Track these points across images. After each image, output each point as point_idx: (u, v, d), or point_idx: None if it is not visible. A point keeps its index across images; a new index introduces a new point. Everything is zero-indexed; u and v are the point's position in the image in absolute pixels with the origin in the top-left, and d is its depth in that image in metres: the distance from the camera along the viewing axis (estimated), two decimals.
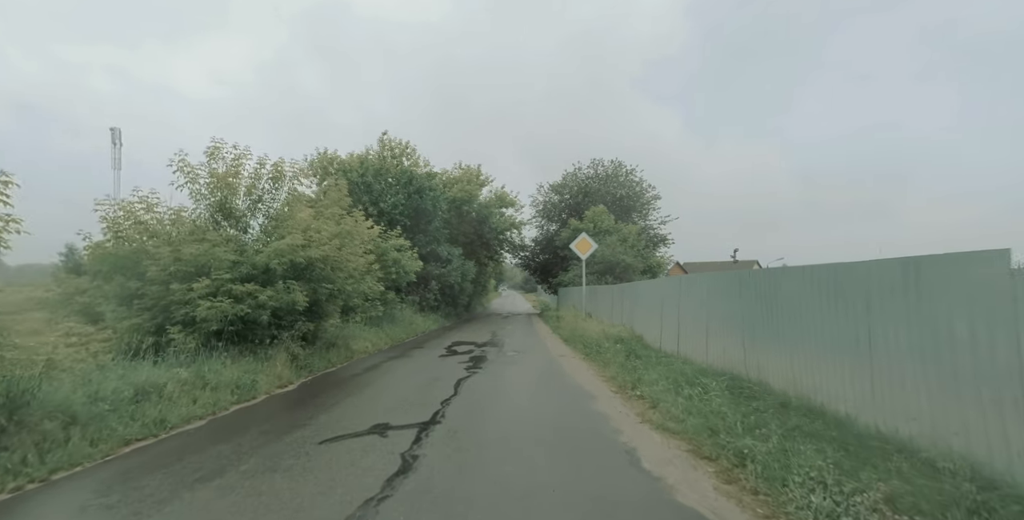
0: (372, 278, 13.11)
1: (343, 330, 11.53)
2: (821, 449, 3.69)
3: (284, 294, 8.37)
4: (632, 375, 7.58)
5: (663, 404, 5.81)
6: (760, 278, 6.19)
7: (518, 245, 31.06)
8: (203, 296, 7.52)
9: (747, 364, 6.24)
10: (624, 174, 29.14)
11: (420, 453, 4.41)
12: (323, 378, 8.53)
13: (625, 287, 13.35)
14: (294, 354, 8.73)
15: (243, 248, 8.66)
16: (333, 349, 10.39)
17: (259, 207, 9.32)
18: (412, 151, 25.50)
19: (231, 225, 9.09)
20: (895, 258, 4.03)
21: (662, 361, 8.14)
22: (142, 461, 4.32)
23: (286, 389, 7.55)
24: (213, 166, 8.89)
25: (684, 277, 8.55)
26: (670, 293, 9.22)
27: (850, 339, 4.36)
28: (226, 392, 6.43)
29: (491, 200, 28.15)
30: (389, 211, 20.33)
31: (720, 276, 7.44)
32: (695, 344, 7.90)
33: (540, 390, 7.56)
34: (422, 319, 19.15)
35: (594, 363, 9.86)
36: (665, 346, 9.42)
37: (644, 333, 10.87)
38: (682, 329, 8.52)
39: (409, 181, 21.73)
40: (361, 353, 11.51)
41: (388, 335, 14.16)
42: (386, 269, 15.51)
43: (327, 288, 9.37)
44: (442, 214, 23.45)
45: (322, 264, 9.17)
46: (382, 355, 11.54)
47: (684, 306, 8.50)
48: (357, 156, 22.46)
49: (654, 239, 28.16)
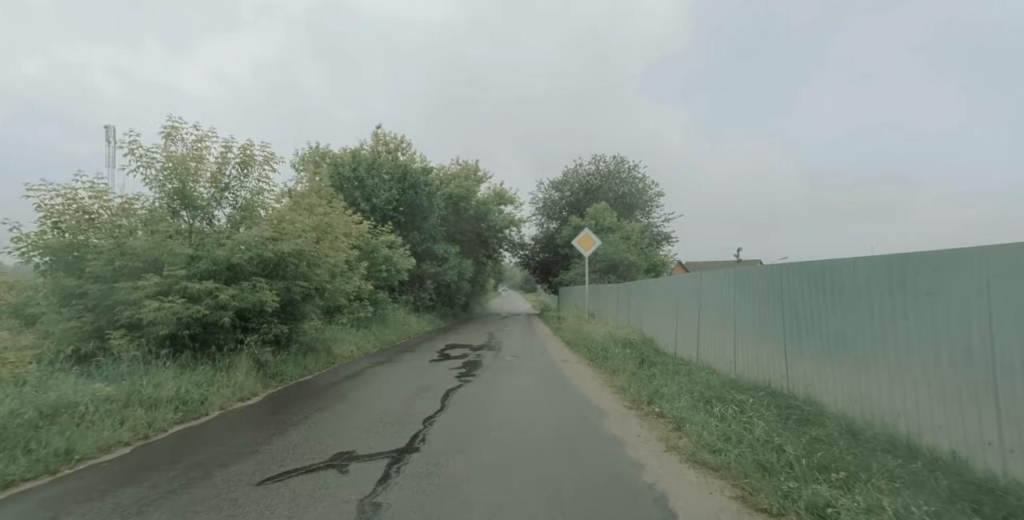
0: (358, 276, 12.04)
1: (324, 333, 10.44)
2: (939, 514, 2.59)
3: (250, 293, 7.29)
4: (647, 386, 6.51)
5: (690, 426, 4.73)
6: (812, 273, 5.02)
7: (517, 243, 29.95)
8: (151, 296, 6.44)
9: (790, 377, 5.16)
10: (626, 171, 28.05)
11: (385, 500, 3.33)
12: (294, 388, 7.45)
13: (633, 286, 12.27)
14: (262, 361, 7.64)
15: (204, 241, 7.59)
16: (311, 354, 9.30)
17: (225, 196, 8.23)
18: (408, 145, 24.44)
19: (193, 216, 8.00)
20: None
21: (680, 370, 7.06)
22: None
23: (247, 403, 6.46)
24: (171, 149, 7.80)
25: (706, 273, 7.46)
26: (688, 292, 8.14)
27: (959, 351, 3.27)
28: (167, 410, 5.33)
29: (489, 197, 27.05)
30: (382, 207, 19.24)
31: (753, 271, 6.31)
32: (720, 351, 6.82)
33: (541, 404, 6.48)
34: (416, 320, 18.06)
35: (601, 370, 8.78)
36: (682, 352, 8.33)
37: (656, 336, 9.79)
38: (703, 333, 7.44)
39: (403, 176, 20.65)
40: (344, 358, 10.42)
41: (377, 338, 13.07)
42: (376, 267, 14.44)
43: (302, 286, 8.29)
44: (439, 211, 22.36)
45: (295, 259, 8.09)
46: (367, 360, 10.45)
47: (706, 307, 7.42)
48: (350, 150, 21.36)
49: (657, 237, 27.08)
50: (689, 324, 8.00)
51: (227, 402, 6.22)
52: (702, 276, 7.65)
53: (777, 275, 5.46)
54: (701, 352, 7.41)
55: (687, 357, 7.91)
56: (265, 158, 8.34)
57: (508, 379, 8.18)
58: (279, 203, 9.45)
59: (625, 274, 20.72)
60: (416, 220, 21.28)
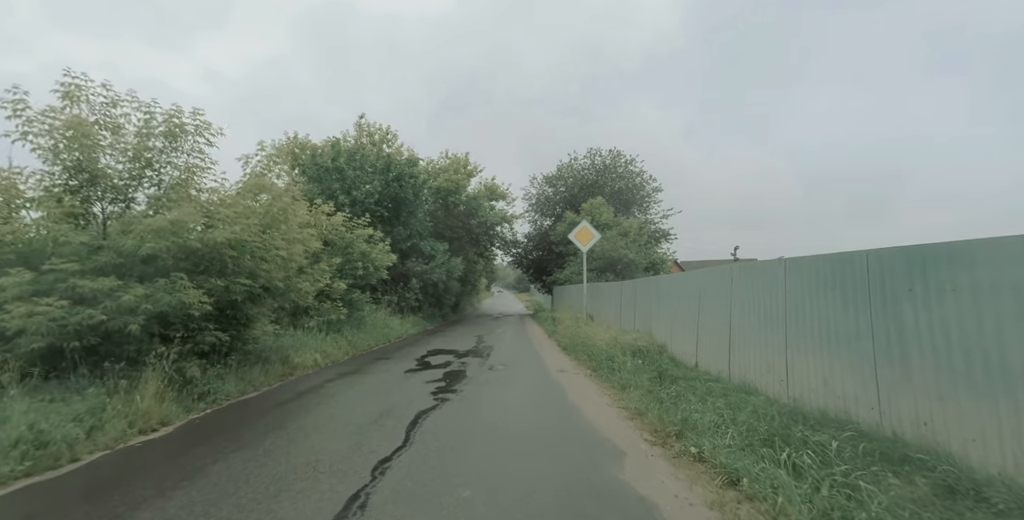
0: (327, 274, 10.42)
1: (282, 339, 8.81)
2: None
3: (167, 293, 5.67)
4: (672, 411, 4.97)
5: (753, 483, 3.20)
6: (944, 258, 3.40)
7: (510, 241, 28.34)
8: (18, 297, 4.81)
9: (887, 410, 3.63)
10: (623, 165, 26.57)
11: None
12: (224, 413, 5.83)
13: (639, 284, 10.74)
14: (188, 377, 6.02)
15: (108, 228, 5.96)
16: (262, 366, 7.68)
17: (146, 174, 6.59)
18: (394, 137, 22.72)
19: (104, 197, 6.36)
20: None
21: (712, 389, 5.53)
22: None
23: (148, 437, 4.83)
24: (73, 112, 6.15)
25: (745, 266, 5.93)
26: (715, 290, 6.62)
27: None
28: (7, 460, 3.72)
29: (480, 192, 25.43)
30: (363, 200, 17.59)
31: (820, 262, 4.61)
32: (763, 366, 5.30)
33: (534, 437, 4.91)
34: (399, 322, 16.43)
35: (607, 384, 7.24)
36: (706, 363, 6.81)
37: (669, 343, 8.27)
38: (738, 342, 5.91)
39: (387, 167, 19.01)
40: (306, 368, 8.80)
41: (351, 343, 11.44)
42: (352, 263, 12.82)
43: (244, 285, 6.68)
44: (425, 205, 20.75)
45: (234, 251, 6.48)
46: (331, 371, 8.83)
47: (741, 308, 5.89)
48: (330, 141, 19.67)
49: (655, 234, 25.62)
50: (716, 330, 6.48)
51: (119, 438, 4.60)
52: (735, 270, 6.12)
53: (864, 265, 3.92)
54: (735, 366, 5.88)
55: (714, 371, 6.39)
56: (197, 128, 6.70)
57: (494, 397, 6.62)
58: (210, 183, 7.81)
59: (624, 272, 19.23)
60: (401, 215, 19.65)
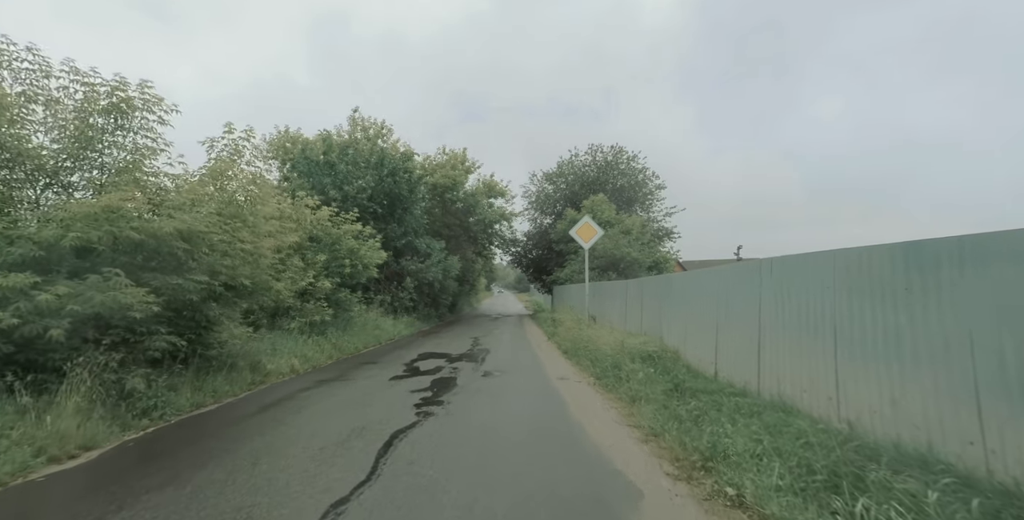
0: (301, 272, 9.55)
1: (254, 343, 7.91)
2: None
3: (99, 291, 4.79)
4: (694, 434, 4.08)
5: None
6: None
7: (509, 239, 27.42)
8: None
9: (1000, 451, 2.70)
10: (625, 162, 25.67)
11: None
12: (167, 432, 4.94)
13: (647, 283, 9.83)
14: (126, 390, 5.13)
15: (37, 216, 5.07)
16: (226, 374, 6.78)
17: (87, 155, 5.69)
18: (389, 132, 21.79)
19: (31, 181, 5.47)
20: None
21: (740, 406, 4.62)
22: None
23: (57, 468, 3.93)
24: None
25: (779, 261, 5.03)
26: (741, 289, 5.70)
27: None
28: None
29: (479, 189, 24.53)
30: (355, 195, 16.71)
31: (881, 253, 3.59)
32: (804, 381, 4.39)
33: (529, 467, 4.01)
34: (392, 323, 15.54)
35: (613, 396, 6.35)
36: (728, 373, 5.90)
37: (683, 349, 7.36)
38: (768, 350, 5.00)
39: (381, 162, 18.12)
40: (280, 375, 7.91)
41: (335, 346, 10.54)
42: (338, 261, 11.94)
43: (201, 283, 5.78)
44: (421, 202, 19.84)
45: (186, 245, 5.59)
46: (309, 378, 7.94)
47: (772, 311, 4.97)
48: (321, 135, 18.77)
49: (658, 233, 24.72)
50: (740, 335, 5.57)
51: (18, 471, 3.70)
52: (763, 268, 5.21)
53: (958, 257, 2.99)
54: (766, 378, 4.97)
55: (738, 382, 5.48)
56: (146, 103, 5.81)
57: (485, 411, 5.73)
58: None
59: (626, 272, 18.32)
60: (396, 211, 18.75)
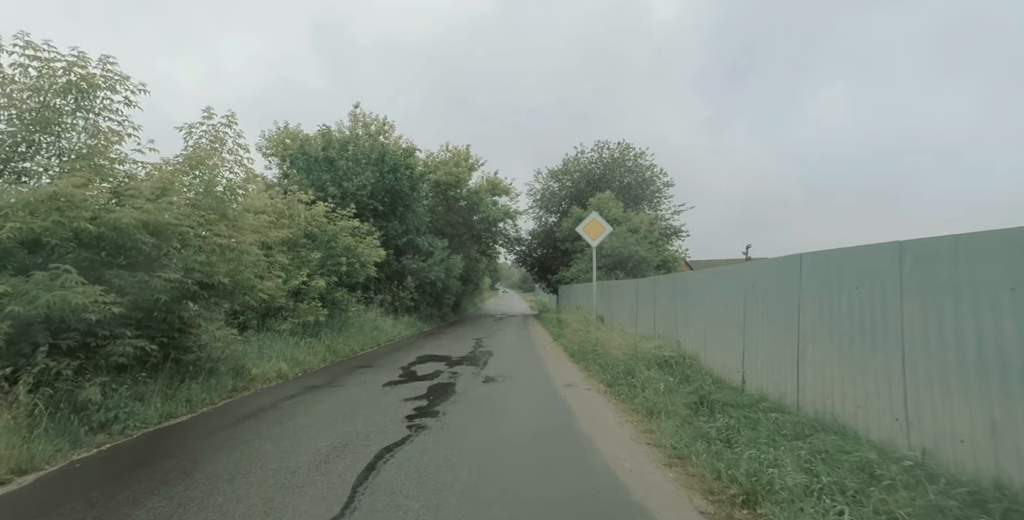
0: (295, 270, 8.96)
1: (236, 346, 7.30)
2: None
3: (47, 290, 4.19)
4: (728, 458, 3.42)
5: None
6: None
7: (513, 238, 26.76)
8: None
9: None
10: (632, 159, 24.93)
11: None
12: (123, 450, 4.34)
13: (660, 281, 9.11)
14: (79, 402, 4.53)
15: None
16: (204, 380, 6.18)
17: (41, 140, 5.09)
18: (391, 128, 21.19)
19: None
20: None
21: (780, 424, 3.93)
22: None
23: None
24: None
25: (825, 255, 4.31)
26: (775, 288, 4.99)
27: None
28: None
29: (482, 186, 23.88)
30: (355, 192, 16.13)
31: (975, 245, 2.85)
32: (857, 395, 3.70)
33: (535, 496, 3.36)
34: (392, 324, 14.94)
35: (628, 407, 5.69)
36: (756, 383, 5.21)
37: (702, 353, 6.68)
38: (810, 358, 4.30)
39: (381, 158, 17.54)
40: (267, 381, 7.31)
41: (330, 348, 9.94)
42: (334, 259, 11.34)
43: (169, 281, 5.18)
44: (424, 200, 19.23)
45: (152, 238, 4.99)
46: (297, 384, 7.34)
47: (815, 313, 4.28)
48: (321, 130, 18.20)
49: (666, 231, 23.97)
50: (774, 340, 4.88)
51: None
52: (804, 263, 4.50)
53: None
54: (808, 390, 4.27)
55: (772, 394, 4.79)
56: (109, 81, 5.21)
57: (484, 424, 5.09)
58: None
59: (634, 271, 17.62)
60: (397, 209, 18.16)
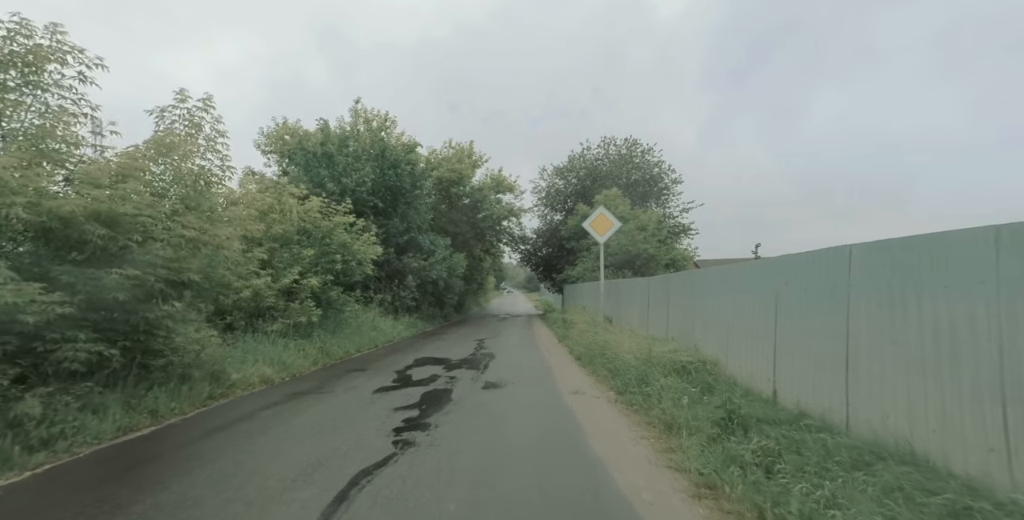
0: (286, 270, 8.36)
1: (216, 349, 6.68)
2: None
3: None
4: (773, 493, 2.75)
5: None
6: None
7: (518, 236, 26.09)
8: None
9: None
10: (640, 155, 24.18)
11: None
12: (62, 473, 3.72)
13: (673, 279, 8.38)
14: (12, 418, 3.93)
15: None
16: (175, 387, 5.58)
17: None
18: (392, 123, 20.59)
19: None
20: None
21: (830, 448, 3.24)
22: None
23: None
24: None
25: (884, 245, 3.59)
26: (815, 285, 4.28)
27: None
28: None
29: (486, 183, 23.25)
30: (354, 189, 15.54)
31: None
32: (928, 414, 3.00)
33: None
34: (392, 324, 14.33)
35: (642, 419, 5.02)
36: (792, 395, 4.51)
37: (724, 359, 5.98)
38: (864, 368, 3.59)
39: (382, 153, 16.95)
40: (247, 387, 6.70)
41: (322, 350, 9.33)
42: (329, 256, 10.74)
43: (128, 278, 4.57)
44: (425, 197, 18.61)
45: (105, 229, 4.39)
46: (282, 390, 6.72)
47: (871, 315, 3.57)
48: (319, 125, 17.64)
49: (675, 229, 23.21)
50: (815, 345, 4.18)
51: None
52: (854, 254, 3.81)
53: None
54: (861, 408, 3.57)
55: (813, 409, 4.08)
56: (58, 53, 4.60)
57: (480, 440, 4.43)
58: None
59: (643, 269, 16.92)
60: (398, 206, 17.56)
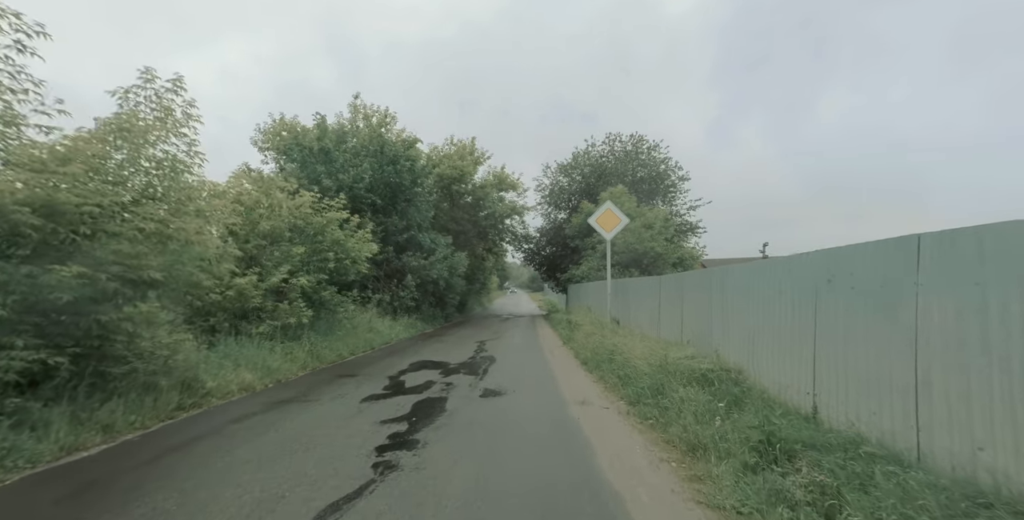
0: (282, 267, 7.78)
1: (182, 355, 6.05)
2: None
3: None
4: None
5: None
6: None
7: (521, 235, 25.44)
8: None
9: None
10: (646, 151, 23.50)
11: None
12: None
13: (688, 278, 7.68)
14: None
15: None
16: (136, 398, 4.98)
17: None
18: (392, 120, 20.01)
19: None
20: None
21: (910, 490, 2.59)
22: None
23: None
24: None
25: (971, 233, 2.91)
26: (867, 282, 3.56)
27: None
28: None
29: (488, 181, 22.61)
30: (351, 185, 14.97)
31: None
32: None
33: None
34: (390, 325, 13.73)
35: (658, 435, 4.37)
36: (838, 413, 3.83)
37: (749, 367, 5.30)
38: (942, 386, 2.91)
39: (380, 149, 16.35)
40: (222, 395, 6.09)
41: (312, 353, 8.73)
42: (321, 254, 10.14)
43: (76, 275, 3.97)
44: (426, 194, 17.99)
45: (41, 220, 3.79)
46: (262, 398, 6.12)
47: (956, 318, 2.89)
48: (316, 120, 17.07)
49: (682, 227, 22.51)
50: (877, 357, 3.51)
51: None
52: (924, 243, 3.13)
53: None
54: (940, 436, 2.90)
55: (871, 433, 3.40)
56: None
57: (472, 463, 3.79)
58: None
59: (650, 268, 16.25)
60: (398, 204, 16.96)
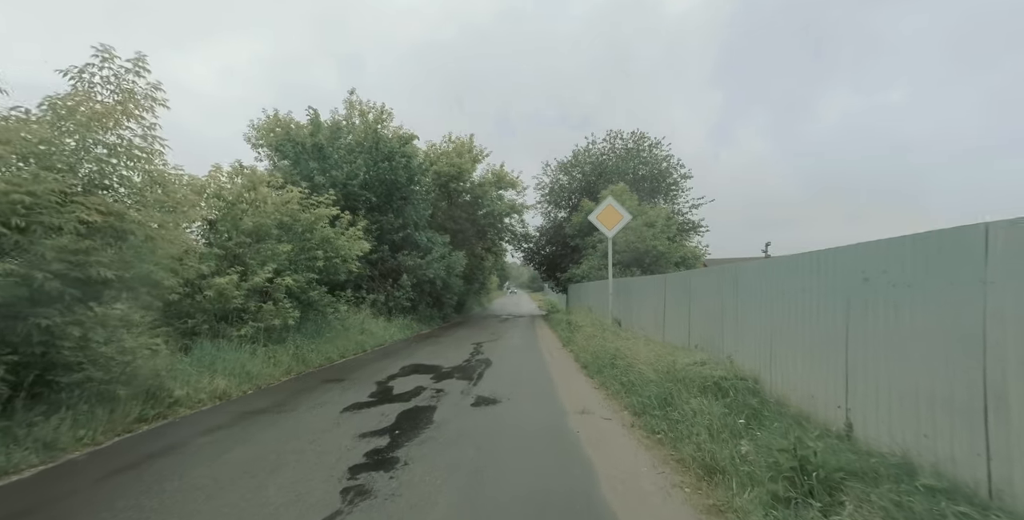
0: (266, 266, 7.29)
1: (144, 360, 5.52)
2: None
3: None
4: None
5: None
6: None
7: (520, 234, 24.94)
8: None
9: None
10: (647, 149, 22.99)
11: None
12: None
13: (695, 276, 7.14)
14: None
15: None
16: (87, 410, 4.48)
17: None
18: (389, 116, 19.49)
19: None
20: None
21: None
22: None
23: None
24: None
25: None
26: (919, 279, 3.04)
27: None
28: None
29: (487, 179, 22.10)
30: (345, 182, 14.48)
31: None
32: None
33: None
34: (384, 326, 13.23)
35: (669, 453, 3.86)
36: (883, 432, 3.31)
37: (766, 375, 4.78)
38: (1014, 408, 2.43)
39: (375, 145, 15.86)
40: (192, 404, 5.59)
41: (297, 357, 8.24)
42: (309, 252, 9.65)
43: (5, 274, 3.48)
44: (422, 192, 17.48)
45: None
46: (233, 408, 5.62)
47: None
48: (309, 115, 16.58)
49: (684, 226, 22.00)
50: (928, 368, 2.99)
51: None
52: (991, 232, 2.62)
53: None
54: (1019, 465, 2.40)
55: (923, 461, 2.90)
56: None
57: (456, 488, 3.28)
58: None
59: (652, 267, 15.74)
60: (393, 201, 16.46)
